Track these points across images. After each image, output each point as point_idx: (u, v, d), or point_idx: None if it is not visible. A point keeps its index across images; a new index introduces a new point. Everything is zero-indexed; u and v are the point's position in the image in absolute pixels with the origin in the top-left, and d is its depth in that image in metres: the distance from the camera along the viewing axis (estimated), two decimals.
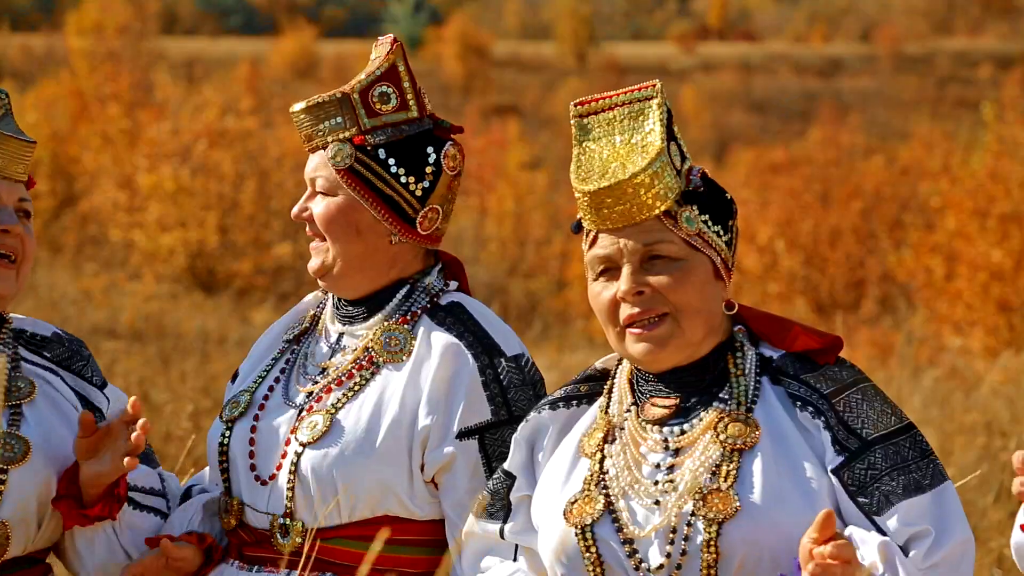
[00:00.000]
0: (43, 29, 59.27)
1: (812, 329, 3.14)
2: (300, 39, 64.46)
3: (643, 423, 3.10)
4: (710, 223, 3.09)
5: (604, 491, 3.06)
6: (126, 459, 3.25)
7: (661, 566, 2.98)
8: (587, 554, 3.04)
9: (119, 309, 18.82)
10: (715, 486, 2.97)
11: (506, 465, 3.26)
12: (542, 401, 3.27)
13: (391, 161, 3.44)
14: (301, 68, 61.05)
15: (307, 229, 3.52)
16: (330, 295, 3.58)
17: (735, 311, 3.15)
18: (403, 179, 3.45)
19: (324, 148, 3.47)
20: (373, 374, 3.41)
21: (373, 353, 3.43)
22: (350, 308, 3.51)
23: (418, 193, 3.45)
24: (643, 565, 3.00)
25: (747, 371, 3.09)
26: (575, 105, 3.16)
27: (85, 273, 23.25)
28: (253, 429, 3.45)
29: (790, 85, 64.11)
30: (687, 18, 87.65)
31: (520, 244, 28.83)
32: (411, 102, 3.51)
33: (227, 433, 3.46)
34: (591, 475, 3.10)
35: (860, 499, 2.97)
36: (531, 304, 25.22)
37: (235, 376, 3.65)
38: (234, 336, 16.59)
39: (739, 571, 2.94)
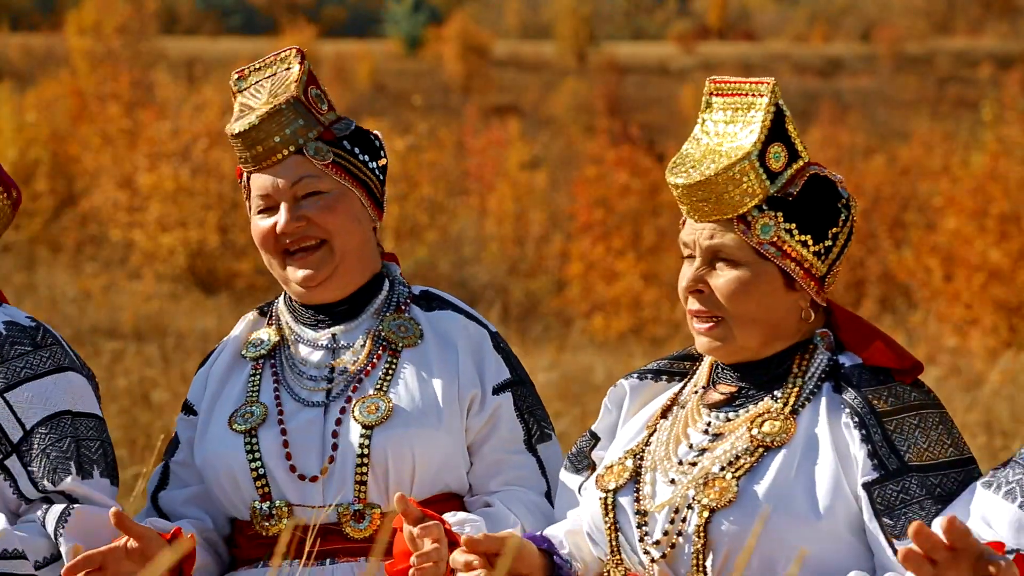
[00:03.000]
0: (43, 29, 59.23)
1: (896, 347, 3.09)
2: (300, 39, 64.40)
3: (701, 406, 3.13)
4: (795, 231, 3.04)
5: (638, 461, 3.10)
6: None
7: (658, 542, 3.01)
8: (606, 518, 3.08)
9: (119, 309, 18.81)
10: (721, 475, 2.98)
11: (593, 427, 3.34)
12: (633, 371, 3.34)
13: (356, 150, 3.54)
14: None
15: (286, 242, 3.52)
16: (290, 311, 3.62)
17: (823, 309, 3.13)
18: (370, 164, 3.56)
19: (293, 154, 3.49)
20: (398, 359, 3.49)
21: (390, 342, 3.51)
22: (328, 311, 3.57)
23: (381, 176, 3.59)
24: (647, 539, 3.02)
25: (809, 375, 3.07)
26: (711, 81, 3.16)
27: (85, 273, 23.24)
28: (284, 432, 3.46)
29: (790, 85, 64.08)
30: (687, 18, 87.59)
31: (520, 244, 28.80)
32: (332, 103, 3.60)
33: (254, 442, 3.46)
34: (636, 446, 3.15)
35: (884, 519, 2.93)
36: (531, 304, 25.20)
37: (187, 409, 3.62)
38: None
39: (725, 564, 2.94)
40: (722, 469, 2.99)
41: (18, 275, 21.33)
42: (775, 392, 3.07)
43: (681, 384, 3.25)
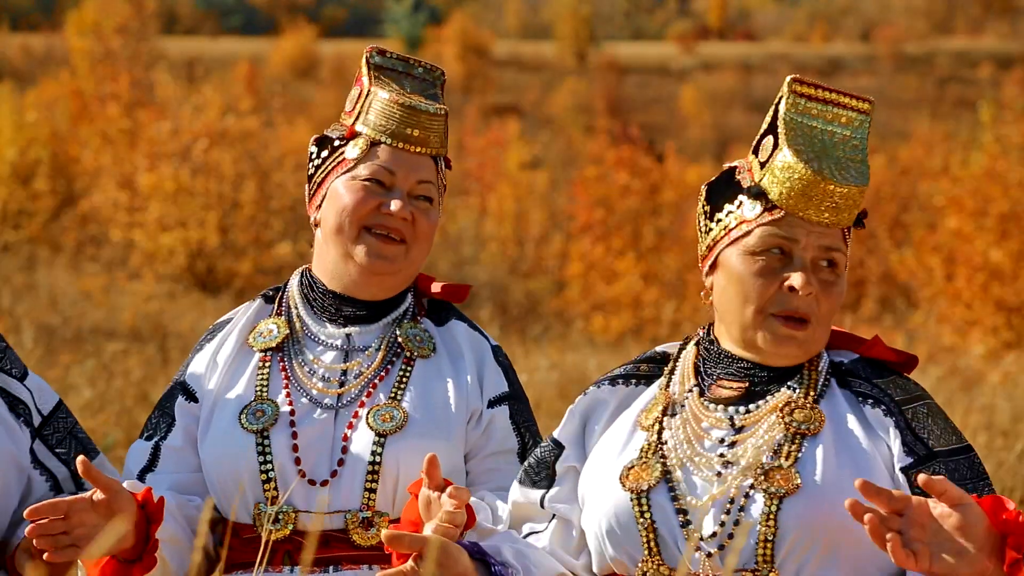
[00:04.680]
0: (43, 29, 59.28)
1: (890, 346, 3.19)
2: (300, 39, 64.41)
3: (706, 402, 3.13)
4: (849, 244, 3.19)
5: (662, 460, 3.09)
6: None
7: (714, 534, 3.00)
8: (641, 519, 3.06)
9: (119, 309, 18.80)
10: (776, 463, 3.00)
11: (556, 434, 3.30)
12: (601, 377, 3.32)
13: (444, 182, 3.64)
14: (301, 68, 61.00)
15: (379, 222, 3.50)
16: (305, 301, 3.59)
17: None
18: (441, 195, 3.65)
19: (431, 156, 3.55)
20: (412, 367, 3.50)
21: (405, 349, 3.52)
22: (354, 310, 3.54)
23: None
24: (695, 534, 3.01)
25: (820, 369, 3.13)
26: (793, 80, 3.14)
27: (85, 273, 23.24)
28: (295, 435, 3.44)
29: None
30: (687, 18, 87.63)
31: (520, 244, 28.83)
32: None
33: (266, 443, 3.43)
34: (648, 445, 3.13)
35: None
36: (531, 304, 25.21)
37: (187, 393, 3.57)
38: None
39: (791, 549, 2.96)
40: (771, 458, 3.02)
41: (18, 275, 21.33)
42: (790, 384, 3.11)
43: (665, 384, 3.24)
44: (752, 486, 2.99)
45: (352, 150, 3.54)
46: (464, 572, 3.03)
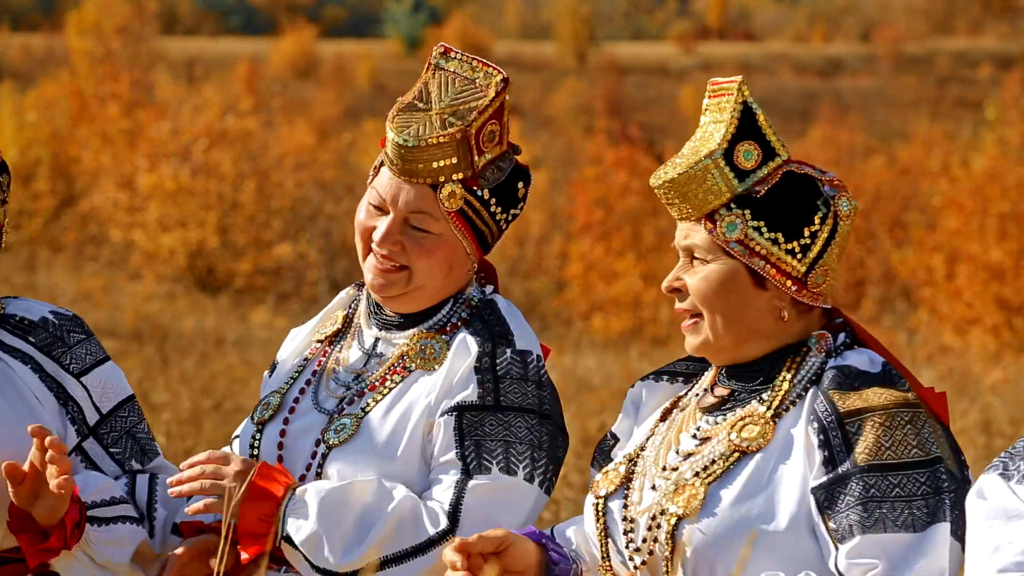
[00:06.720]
0: (43, 29, 59.29)
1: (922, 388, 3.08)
2: (300, 39, 64.38)
3: (697, 409, 3.11)
4: (764, 229, 3.01)
5: (632, 467, 3.09)
6: (54, 483, 3.18)
7: (639, 549, 3.01)
8: (596, 525, 3.08)
9: (119, 309, 18.81)
10: (691, 481, 2.96)
11: (613, 427, 3.30)
12: (653, 370, 3.31)
13: (493, 200, 3.43)
14: (301, 68, 60.99)
15: (375, 247, 3.42)
16: (365, 296, 3.55)
17: (827, 311, 3.09)
18: (497, 216, 3.45)
19: (428, 185, 3.38)
20: (403, 379, 3.40)
21: (407, 360, 3.42)
22: (391, 315, 3.49)
23: (503, 226, 3.48)
24: (631, 545, 3.02)
25: (796, 379, 3.02)
26: (709, 83, 3.17)
27: (85, 273, 23.25)
28: (282, 433, 3.43)
29: (790, 85, 64.08)
30: (687, 18, 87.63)
31: (520, 244, 28.83)
32: (506, 136, 3.50)
33: (257, 436, 3.45)
34: (633, 451, 3.13)
35: (830, 523, 2.88)
36: (531, 304, 25.22)
37: (273, 367, 3.62)
38: (233, 336, 16.58)
39: (694, 569, 2.93)
40: (695, 475, 2.97)
41: (18, 275, 21.34)
42: (763, 396, 3.03)
43: (688, 387, 3.21)
44: (666, 503, 2.98)
45: (375, 170, 3.48)
46: (527, 570, 3.11)
